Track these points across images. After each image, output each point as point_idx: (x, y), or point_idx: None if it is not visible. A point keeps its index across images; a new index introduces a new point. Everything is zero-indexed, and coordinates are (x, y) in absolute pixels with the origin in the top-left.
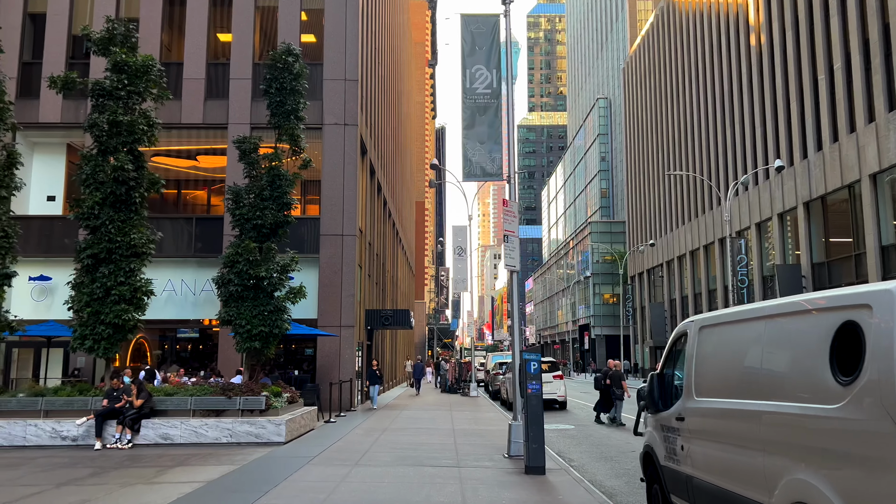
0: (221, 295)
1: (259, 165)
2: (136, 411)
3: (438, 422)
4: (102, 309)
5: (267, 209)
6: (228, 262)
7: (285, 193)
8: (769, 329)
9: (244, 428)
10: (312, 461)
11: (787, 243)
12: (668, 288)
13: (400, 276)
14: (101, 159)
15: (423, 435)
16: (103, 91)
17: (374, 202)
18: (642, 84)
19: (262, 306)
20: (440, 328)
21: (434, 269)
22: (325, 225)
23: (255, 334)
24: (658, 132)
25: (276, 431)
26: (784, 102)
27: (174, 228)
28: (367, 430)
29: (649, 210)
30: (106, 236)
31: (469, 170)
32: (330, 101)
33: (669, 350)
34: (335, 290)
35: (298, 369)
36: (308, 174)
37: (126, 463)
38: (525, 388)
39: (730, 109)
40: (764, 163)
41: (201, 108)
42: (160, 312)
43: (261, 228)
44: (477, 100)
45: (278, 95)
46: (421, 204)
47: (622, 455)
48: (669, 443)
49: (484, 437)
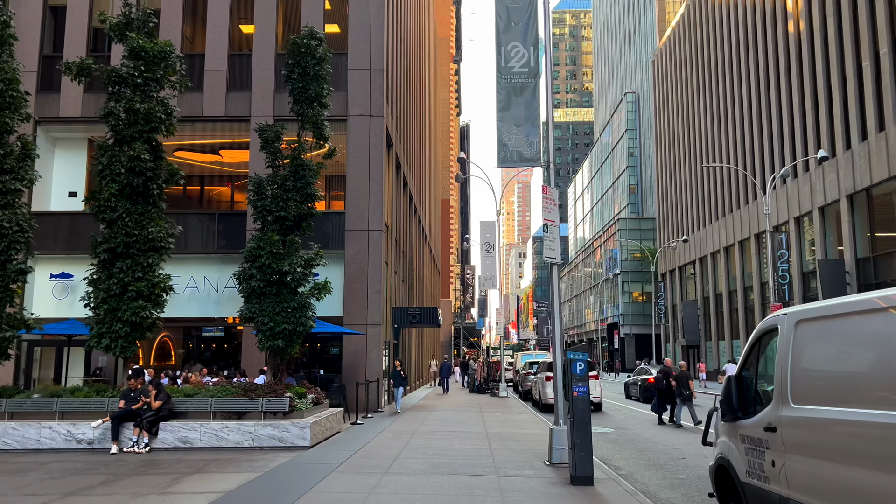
0: (243, 291)
1: (282, 155)
2: (153, 413)
3: (470, 424)
4: (119, 306)
5: (290, 200)
6: (250, 256)
7: (309, 184)
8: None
9: (267, 431)
10: (339, 468)
11: (828, 238)
12: (700, 285)
13: (426, 274)
14: (118, 149)
15: (455, 439)
16: (119, 78)
17: (399, 197)
18: (673, 76)
19: (285, 303)
20: (466, 327)
21: (459, 268)
22: (350, 220)
23: (279, 332)
24: (690, 125)
25: (300, 435)
26: (825, 91)
27: (197, 224)
28: (396, 433)
29: (681, 206)
30: (123, 230)
31: (504, 155)
32: (355, 92)
33: (750, 349)
34: (361, 287)
35: (324, 369)
36: (333, 168)
37: (141, 469)
38: (570, 390)
39: (766, 100)
40: (803, 155)
41: (223, 100)
42: (183, 310)
43: (284, 221)
44: (513, 79)
45: (301, 81)
46: (446, 201)
47: (672, 462)
48: (754, 456)
49: (520, 442)
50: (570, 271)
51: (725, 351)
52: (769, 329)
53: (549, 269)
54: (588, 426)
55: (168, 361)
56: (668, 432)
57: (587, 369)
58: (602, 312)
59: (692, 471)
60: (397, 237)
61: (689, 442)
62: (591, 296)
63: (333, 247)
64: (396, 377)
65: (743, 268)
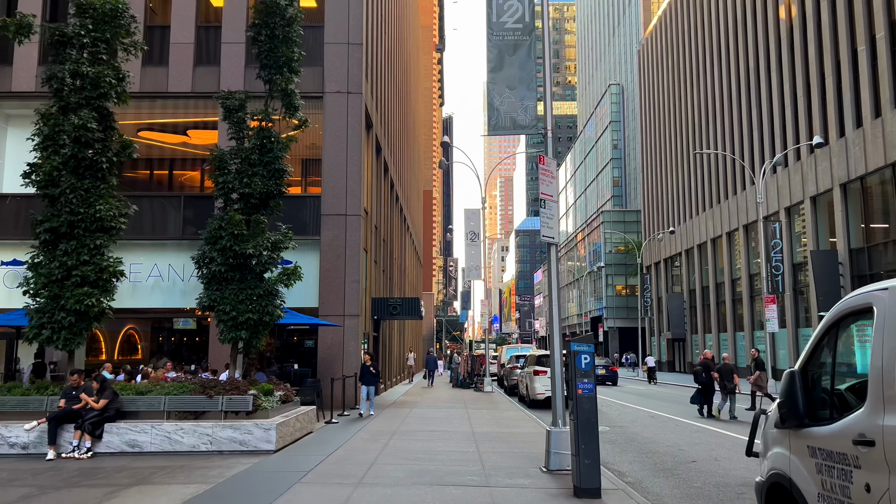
0: (202, 276)
1: (247, 126)
2: (97, 414)
3: (454, 423)
4: (62, 293)
5: (255, 176)
6: (210, 237)
7: (277, 158)
8: None
9: (227, 433)
10: (305, 478)
11: (819, 228)
12: (687, 278)
13: (408, 265)
14: (62, 118)
15: (438, 440)
16: (64, 37)
17: (380, 183)
18: (659, 66)
19: (249, 290)
20: (449, 320)
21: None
22: (326, 203)
23: (242, 322)
24: (677, 115)
25: (264, 437)
26: (818, 77)
27: (161, 208)
28: (374, 433)
29: (666, 197)
30: (67, 207)
31: (496, 121)
32: (332, 67)
33: (822, 336)
34: (338, 276)
35: (299, 363)
36: (308, 152)
37: (75, 479)
38: (573, 387)
39: (756, 88)
40: (795, 143)
41: (190, 75)
42: (146, 300)
43: (248, 198)
44: (505, 36)
45: (268, 43)
46: (429, 192)
47: (682, 468)
48: (832, 476)
49: (510, 444)
50: None
51: (712, 344)
52: (856, 310)
53: (548, 250)
54: (595, 429)
55: (134, 355)
56: (668, 430)
57: (593, 363)
58: (586, 306)
59: (707, 477)
60: (377, 224)
61: (694, 442)
62: (574, 289)
63: (309, 233)
64: (366, 374)
65: (731, 259)
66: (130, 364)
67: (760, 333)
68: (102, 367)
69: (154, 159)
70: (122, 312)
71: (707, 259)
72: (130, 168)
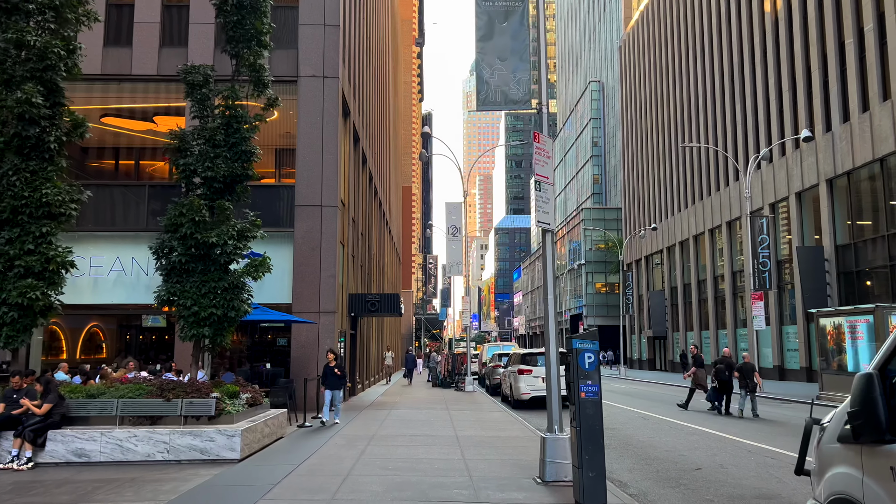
0: (162, 268)
1: (211, 103)
2: (39, 420)
3: (437, 426)
4: (3, 285)
5: (220, 158)
6: (170, 225)
7: (244, 139)
8: None
9: (186, 441)
10: (270, 493)
11: (805, 225)
12: (668, 275)
13: (387, 262)
14: (5, 92)
15: (420, 446)
16: (8, 3)
17: (358, 174)
18: (641, 61)
19: (213, 282)
20: (428, 318)
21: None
22: (300, 194)
23: (205, 318)
24: (658, 111)
25: (227, 445)
26: (804, 71)
27: (124, 198)
28: (350, 438)
29: (648, 194)
30: (9, 191)
31: (486, 95)
32: (307, 50)
33: None
34: (313, 270)
35: (273, 362)
36: (283, 141)
37: (6, 496)
38: (576, 389)
39: (741, 82)
40: (780, 138)
41: (156, 57)
42: (107, 296)
43: (211, 183)
44: (496, 0)
45: (236, 13)
46: (408, 189)
47: (688, 476)
48: None
49: (498, 450)
50: (533, 262)
51: (693, 342)
52: None
53: (543, 238)
54: (600, 438)
55: (98, 355)
56: (664, 433)
57: (598, 362)
58: (565, 304)
59: (718, 488)
60: (355, 217)
61: (693, 445)
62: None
63: (282, 225)
64: (329, 377)
65: (713, 257)
66: (94, 364)
67: (743, 331)
68: (58, 366)
69: (121, 148)
70: (82, 309)
71: (689, 256)
72: (96, 157)
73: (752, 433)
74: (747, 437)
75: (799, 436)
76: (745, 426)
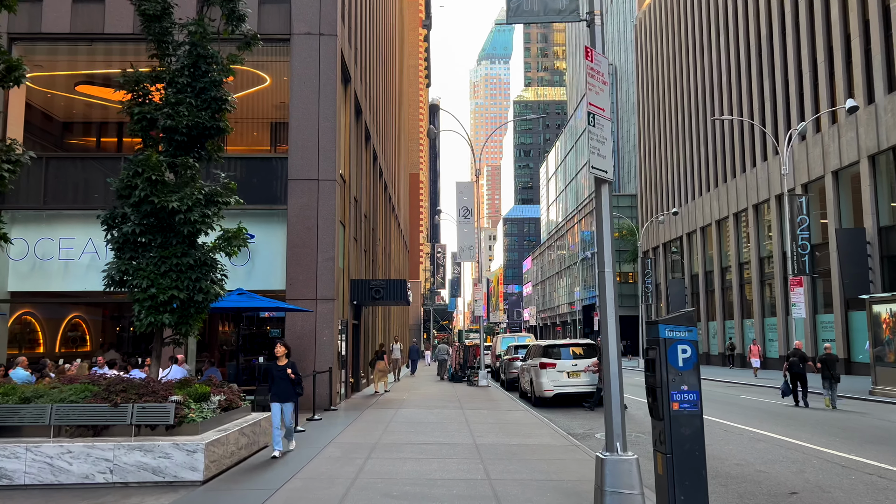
0: (113, 241)
1: (172, 39)
2: None
3: (451, 429)
4: None
5: (183, 104)
6: (123, 187)
7: (215, 84)
8: None
9: (134, 458)
10: None
11: (841, 206)
12: (689, 263)
13: (393, 250)
14: None
15: (432, 458)
16: None
17: (360, 149)
18: (658, 39)
19: (175, 258)
20: (437, 309)
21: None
22: (294, 166)
23: (164, 302)
24: (677, 91)
25: (187, 463)
26: (842, 40)
27: (98, 174)
28: (347, 448)
29: (665, 178)
30: None
31: (518, 3)
32: (301, 4)
33: None
34: (308, 252)
35: (268, 356)
36: (278, 113)
37: None
38: (665, 398)
39: (768, 55)
40: (814, 112)
41: (132, 12)
42: (80, 282)
43: (172, 134)
44: None
45: None
46: (416, 176)
47: (783, 502)
48: None
49: (529, 464)
50: (543, 252)
51: (717, 333)
52: None
53: (597, 190)
54: (702, 469)
55: (82, 348)
56: (722, 439)
57: (696, 358)
58: (578, 294)
59: None
60: (357, 196)
61: (766, 457)
62: (566, 277)
63: (274, 201)
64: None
65: (738, 242)
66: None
67: (772, 321)
68: (15, 362)
69: (95, 123)
70: (50, 297)
71: (711, 242)
72: (72, 131)
73: (826, 439)
74: (824, 444)
75: (879, 443)
76: (812, 429)
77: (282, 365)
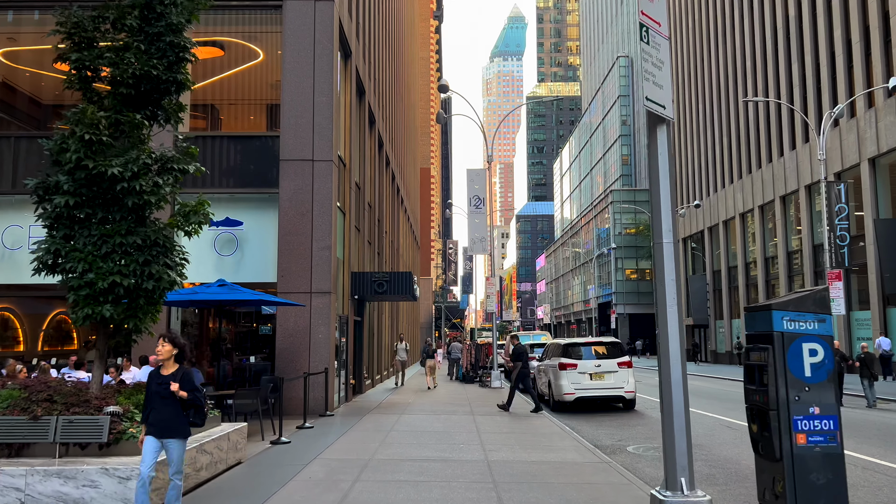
0: (44, 216)
1: None
2: None
3: (458, 441)
4: None
5: (130, 51)
6: (56, 149)
7: (173, 29)
8: None
9: (52, 487)
10: None
11: (879, 195)
12: (711, 258)
13: (402, 244)
14: None
15: (433, 483)
16: None
17: (363, 131)
18: (677, 26)
19: (119, 237)
20: (448, 307)
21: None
22: (286, 146)
23: (105, 290)
24: (698, 82)
25: (118, 494)
26: (880, 19)
27: None
28: (333, 467)
29: (685, 171)
30: None
31: None
32: None
33: None
34: (303, 240)
35: (259, 356)
36: (275, 94)
37: None
38: (786, 422)
39: (797, 39)
40: (848, 96)
41: None
42: None
43: (117, 86)
44: None
45: None
46: (426, 170)
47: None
48: None
49: (555, 491)
50: (557, 249)
51: (741, 332)
52: None
53: (650, 131)
54: None
55: (68, 346)
56: None
57: (832, 364)
58: (594, 291)
59: None
60: (360, 182)
61: None
62: (581, 274)
63: (264, 185)
64: (160, 409)
65: (764, 235)
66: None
67: None
68: None
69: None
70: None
71: (735, 236)
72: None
73: (873, 447)
74: (874, 453)
75: None
76: (859, 437)
77: (165, 374)
